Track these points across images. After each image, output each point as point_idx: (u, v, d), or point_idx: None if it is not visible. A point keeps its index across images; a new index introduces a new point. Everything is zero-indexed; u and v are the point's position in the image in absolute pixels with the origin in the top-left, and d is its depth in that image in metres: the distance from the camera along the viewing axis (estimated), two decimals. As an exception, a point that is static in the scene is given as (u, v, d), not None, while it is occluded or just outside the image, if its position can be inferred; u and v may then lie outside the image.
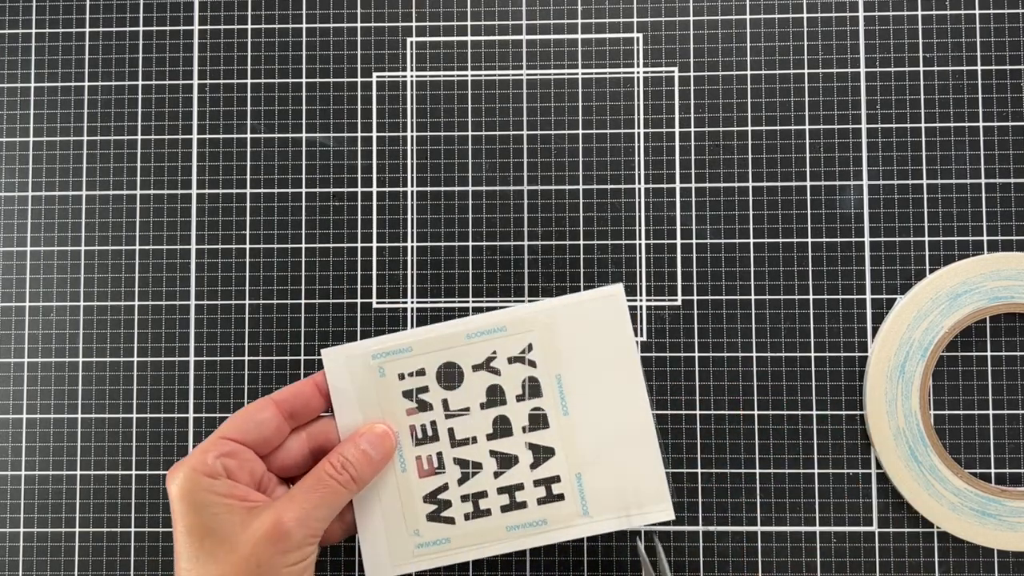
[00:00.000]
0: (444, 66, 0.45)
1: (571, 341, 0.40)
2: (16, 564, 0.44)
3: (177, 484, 0.36)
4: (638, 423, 0.40)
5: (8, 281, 0.45)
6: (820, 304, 0.44)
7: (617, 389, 0.40)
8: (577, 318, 0.40)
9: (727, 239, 0.44)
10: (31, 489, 0.44)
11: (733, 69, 0.44)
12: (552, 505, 0.40)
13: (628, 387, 0.40)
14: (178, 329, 0.45)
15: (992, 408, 0.43)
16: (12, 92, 0.46)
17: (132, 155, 0.45)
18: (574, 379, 0.40)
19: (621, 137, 0.45)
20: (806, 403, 0.43)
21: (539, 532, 0.40)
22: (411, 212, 0.45)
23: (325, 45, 0.45)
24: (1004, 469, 0.43)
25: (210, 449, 0.37)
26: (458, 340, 0.40)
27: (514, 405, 0.41)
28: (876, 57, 0.44)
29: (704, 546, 0.43)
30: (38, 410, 0.45)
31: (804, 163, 0.44)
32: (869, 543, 0.43)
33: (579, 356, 0.40)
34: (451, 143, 0.45)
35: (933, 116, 0.44)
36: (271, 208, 0.45)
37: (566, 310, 0.40)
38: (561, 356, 0.40)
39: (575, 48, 0.45)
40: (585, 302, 0.40)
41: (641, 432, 0.40)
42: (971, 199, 0.44)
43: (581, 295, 0.41)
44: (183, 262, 0.45)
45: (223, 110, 0.45)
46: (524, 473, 0.40)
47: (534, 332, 0.40)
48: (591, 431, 0.40)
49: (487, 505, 0.40)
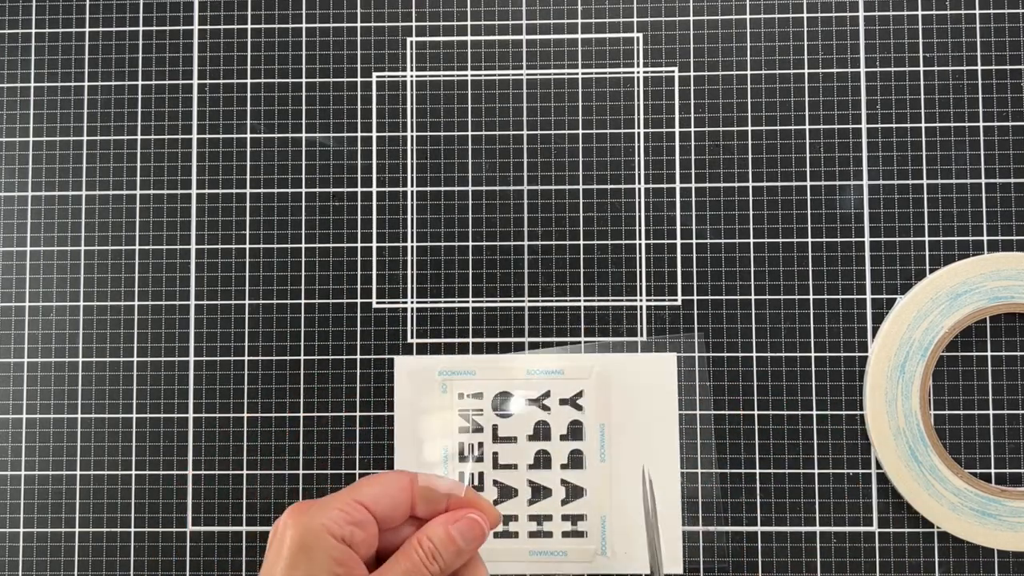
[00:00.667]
0: (444, 66, 0.45)
1: (620, 395, 0.43)
2: (16, 564, 0.44)
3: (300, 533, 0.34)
4: (668, 466, 0.43)
5: (8, 281, 0.45)
6: (820, 304, 0.44)
7: (653, 448, 0.43)
8: (630, 376, 0.43)
9: (727, 239, 0.44)
10: (31, 489, 0.44)
11: (733, 69, 0.44)
12: (575, 540, 0.43)
13: (665, 435, 0.43)
14: (178, 329, 0.45)
15: (992, 408, 0.43)
16: (12, 92, 0.46)
17: (132, 155, 0.45)
18: (616, 431, 0.43)
19: (621, 137, 0.45)
20: (806, 403, 0.43)
21: (558, 562, 0.43)
22: (411, 212, 0.45)
23: (325, 45, 0.45)
24: (1004, 469, 0.43)
25: (346, 511, 0.35)
26: (519, 373, 0.44)
27: (557, 443, 0.43)
28: (876, 57, 0.44)
29: (704, 546, 0.43)
30: (38, 410, 0.45)
31: (804, 163, 0.44)
32: (869, 543, 0.43)
33: (625, 411, 0.43)
34: (451, 143, 0.45)
35: (933, 116, 0.44)
36: (271, 208, 0.45)
37: (622, 367, 0.43)
38: (609, 407, 0.43)
39: (575, 48, 0.45)
40: (640, 364, 0.43)
41: (670, 474, 0.43)
42: (971, 199, 0.44)
43: (638, 356, 0.43)
44: (183, 262, 0.45)
45: (223, 110, 0.45)
46: (555, 506, 0.43)
47: (588, 380, 0.43)
48: (623, 481, 0.43)
49: (516, 528, 0.43)
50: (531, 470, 0.43)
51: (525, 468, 0.43)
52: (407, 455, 0.43)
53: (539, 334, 0.44)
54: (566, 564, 0.43)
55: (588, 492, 0.43)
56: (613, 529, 0.43)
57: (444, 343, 0.44)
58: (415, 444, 0.43)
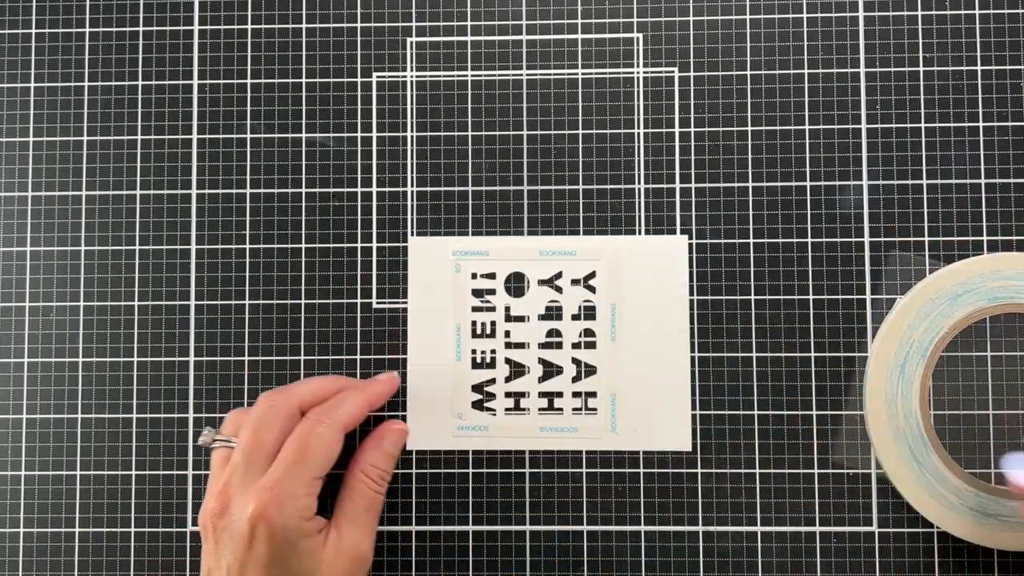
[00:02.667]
0: (444, 66, 0.45)
1: (631, 277, 0.44)
2: (16, 564, 0.44)
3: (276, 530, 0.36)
4: (678, 355, 0.43)
5: (8, 281, 0.45)
6: (820, 304, 0.44)
7: (663, 330, 0.43)
8: (641, 257, 0.44)
9: (727, 239, 0.44)
10: (31, 489, 0.44)
11: (733, 69, 0.44)
12: (584, 416, 0.44)
13: (673, 330, 0.43)
14: (178, 329, 0.45)
15: (992, 408, 0.43)
16: (12, 92, 0.46)
17: (132, 155, 0.45)
18: (627, 311, 0.44)
19: (621, 137, 0.45)
20: (806, 403, 0.43)
21: (568, 437, 0.44)
22: (411, 212, 0.45)
23: (325, 45, 0.45)
24: (1004, 469, 0.43)
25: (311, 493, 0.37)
26: (531, 254, 0.44)
27: (569, 322, 0.44)
28: (876, 57, 0.44)
29: (704, 546, 0.43)
30: (38, 410, 0.45)
31: (804, 163, 0.44)
32: (869, 543, 0.43)
33: (636, 292, 0.44)
34: (451, 143, 0.45)
35: (933, 116, 0.44)
36: (271, 208, 0.45)
37: (633, 248, 0.44)
38: (620, 288, 0.44)
39: (575, 48, 0.45)
40: (651, 245, 0.44)
41: (678, 371, 0.43)
42: (971, 199, 0.44)
43: (649, 238, 0.44)
44: (183, 262, 0.45)
45: (223, 110, 0.45)
46: (565, 384, 0.44)
47: (600, 262, 0.44)
48: (633, 360, 0.43)
49: (527, 405, 0.44)
50: (542, 349, 0.44)
51: (536, 347, 0.44)
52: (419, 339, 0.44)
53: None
54: (576, 440, 0.43)
55: (599, 370, 0.44)
56: (622, 407, 0.43)
57: (444, 343, 0.44)
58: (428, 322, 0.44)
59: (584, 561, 0.43)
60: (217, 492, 0.37)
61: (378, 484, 0.40)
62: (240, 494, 0.37)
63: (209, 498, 0.38)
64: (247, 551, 0.36)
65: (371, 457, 0.40)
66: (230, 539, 0.36)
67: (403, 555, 0.44)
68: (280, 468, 0.37)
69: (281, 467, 0.37)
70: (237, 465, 0.37)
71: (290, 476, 0.37)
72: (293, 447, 0.37)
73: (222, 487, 0.37)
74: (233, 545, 0.36)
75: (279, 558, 0.36)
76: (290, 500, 0.36)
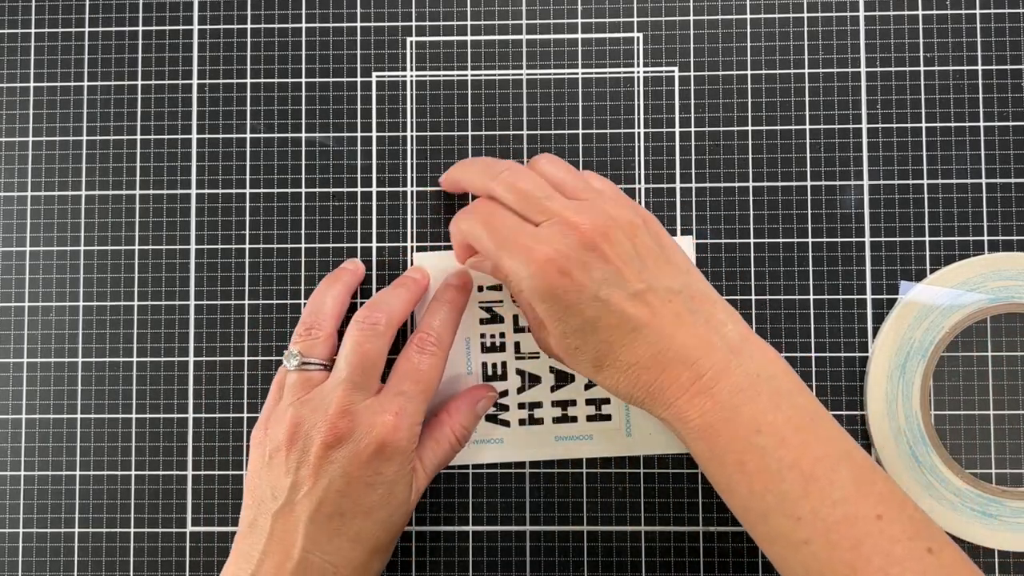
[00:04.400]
0: (444, 66, 0.45)
1: None
2: (16, 564, 0.44)
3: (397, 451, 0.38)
4: None
5: (8, 281, 0.45)
6: (820, 304, 0.44)
7: None
8: None
9: (727, 239, 0.44)
10: (31, 489, 0.44)
11: (733, 69, 0.44)
12: (599, 423, 0.43)
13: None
14: (178, 329, 0.45)
15: (992, 408, 0.43)
16: (12, 92, 0.46)
17: (132, 155, 0.45)
18: None
19: (621, 137, 0.45)
20: (806, 403, 0.43)
21: (584, 445, 0.43)
22: (411, 212, 0.45)
23: (325, 45, 0.45)
24: (1004, 469, 0.43)
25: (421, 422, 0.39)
26: None
27: None
28: (876, 57, 0.44)
29: (704, 546, 0.43)
30: (38, 410, 0.45)
31: (804, 163, 0.44)
32: (869, 543, 0.43)
33: None
34: (451, 143, 0.45)
35: (933, 116, 0.44)
36: (271, 208, 0.45)
37: None
38: None
39: (575, 48, 0.45)
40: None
41: None
42: (971, 199, 0.44)
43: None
44: (183, 262, 0.45)
45: (223, 110, 0.45)
46: (578, 391, 0.44)
47: None
48: None
49: (541, 415, 0.44)
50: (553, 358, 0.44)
51: (547, 356, 0.43)
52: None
53: (539, 334, 0.44)
54: (592, 447, 0.43)
55: None
56: (636, 411, 0.43)
57: (444, 343, 0.44)
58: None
59: (584, 561, 0.43)
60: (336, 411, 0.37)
61: (461, 443, 0.42)
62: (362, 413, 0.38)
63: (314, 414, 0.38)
64: (362, 468, 0.37)
65: (463, 419, 0.42)
66: (343, 457, 0.37)
67: (403, 555, 0.44)
68: (399, 394, 0.38)
69: (400, 393, 0.38)
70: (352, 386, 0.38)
71: (411, 404, 0.38)
72: (413, 377, 0.39)
73: (339, 406, 0.37)
74: (345, 463, 0.37)
75: (387, 480, 0.37)
76: (413, 426, 0.38)
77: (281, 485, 0.37)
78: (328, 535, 0.37)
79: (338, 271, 0.43)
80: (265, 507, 0.37)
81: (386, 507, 0.38)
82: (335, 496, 0.37)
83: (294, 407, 0.38)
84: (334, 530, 0.37)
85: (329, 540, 0.37)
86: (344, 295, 0.42)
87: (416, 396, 0.39)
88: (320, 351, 0.40)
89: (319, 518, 0.37)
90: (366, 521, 0.37)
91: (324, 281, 0.42)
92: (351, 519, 0.37)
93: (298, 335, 0.41)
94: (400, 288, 0.41)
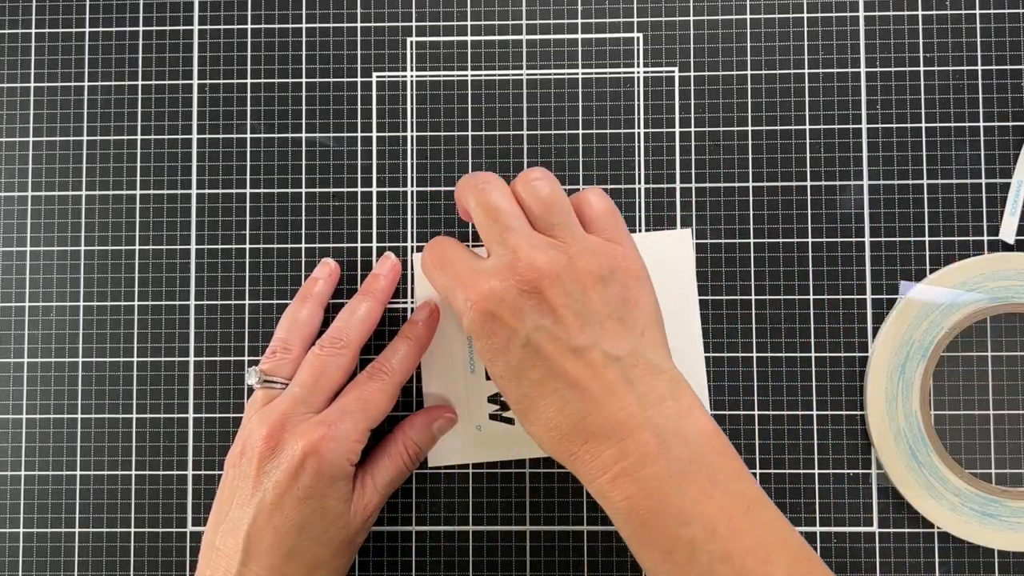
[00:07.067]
0: (444, 66, 0.45)
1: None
2: (16, 564, 0.44)
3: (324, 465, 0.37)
4: (690, 351, 0.43)
5: (8, 281, 0.45)
6: (820, 304, 0.44)
7: (675, 320, 0.42)
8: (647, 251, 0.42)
9: (727, 239, 0.44)
10: (31, 489, 0.44)
11: (733, 69, 0.44)
12: None
13: (685, 320, 0.43)
14: (178, 329, 0.45)
15: (992, 408, 0.43)
16: (12, 92, 0.46)
17: (132, 155, 0.45)
18: None
19: (621, 137, 0.45)
20: (806, 403, 0.43)
21: None
22: (411, 212, 0.45)
23: (325, 45, 0.45)
24: (1004, 469, 0.43)
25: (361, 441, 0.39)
26: None
27: None
28: (876, 57, 0.44)
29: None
30: (38, 410, 0.45)
31: (804, 163, 0.44)
32: (869, 543, 0.43)
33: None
34: (451, 143, 0.45)
35: (933, 116, 0.44)
36: (271, 208, 0.45)
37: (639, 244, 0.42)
38: None
39: (575, 48, 0.45)
40: (656, 240, 0.44)
41: (692, 359, 0.43)
42: (971, 199, 0.44)
43: (654, 234, 0.44)
44: (183, 262, 0.45)
45: (223, 110, 0.45)
46: None
47: None
48: None
49: None
50: None
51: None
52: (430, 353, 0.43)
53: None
54: None
55: None
56: None
57: (444, 343, 0.44)
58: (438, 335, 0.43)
59: (584, 561, 0.43)
60: (273, 422, 0.38)
61: (413, 461, 0.42)
62: (297, 425, 0.38)
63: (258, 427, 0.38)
64: (291, 480, 0.37)
65: (416, 435, 0.42)
66: (275, 468, 0.37)
67: (403, 555, 0.44)
68: (338, 410, 0.39)
69: (340, 410, 0.39)
70: (296, 399, 0.39)
71: (349, 420, 0.38)
72: (356, 396, 0.39)
73: (278, 417, 0.38)
74: (277, 474, 0.37)
75: (317, 494, 0.37)
76: (344, 441, 0.38)
77: (229, 500, 0.38)
78: (265, 549, 0.37)
79: (308, 283, 0.43)
80: (219, 521, 0.38)
81: (320, 522, 0.37)
82: (268, 509, 0.37)
83: (248, 422, 0.39)
84: (269, 544, 0.37)
85: (265, 554, 0.37)
86: (316, 313, 0.42)
87: (357, 415, 0.38)
88: (285, 371, 0.40)
89: (255, 532, 0.37)
90: (300, 536, 0.37)
91: (297, 298, 0.43)
92: (284, 533, 0.37)
93: (267, 356, 0.41)
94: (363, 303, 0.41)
